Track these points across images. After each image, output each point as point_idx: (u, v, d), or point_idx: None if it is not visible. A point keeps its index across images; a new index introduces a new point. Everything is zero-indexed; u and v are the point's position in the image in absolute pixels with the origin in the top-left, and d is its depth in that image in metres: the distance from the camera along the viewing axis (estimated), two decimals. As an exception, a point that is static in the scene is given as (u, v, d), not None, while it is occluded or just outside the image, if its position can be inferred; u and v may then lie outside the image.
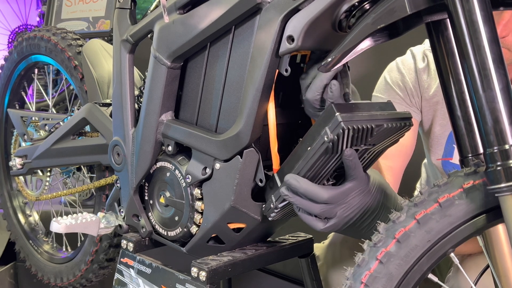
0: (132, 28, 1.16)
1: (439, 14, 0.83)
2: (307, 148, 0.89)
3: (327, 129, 0.85)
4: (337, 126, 0.84)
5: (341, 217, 0.90)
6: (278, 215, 0.99)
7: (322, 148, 0.86)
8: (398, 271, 0.75)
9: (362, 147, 0.89)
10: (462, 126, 0.83)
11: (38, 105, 2.04)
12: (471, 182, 0.74)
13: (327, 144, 0.85)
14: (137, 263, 1.18)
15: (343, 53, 0.81)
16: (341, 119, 0.83)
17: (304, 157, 0.89)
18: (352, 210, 0.90)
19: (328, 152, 0.86)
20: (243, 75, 0.96)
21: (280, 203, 0.95)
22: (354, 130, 0.84)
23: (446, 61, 0.84)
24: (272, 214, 0.98)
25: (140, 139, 1.13)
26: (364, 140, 0.88)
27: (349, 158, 0.86)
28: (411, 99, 1.33)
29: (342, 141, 0.86)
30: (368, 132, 0.86)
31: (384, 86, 1.36)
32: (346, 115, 0.84)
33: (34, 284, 2.01)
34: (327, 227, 0.90)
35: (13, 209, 1.81)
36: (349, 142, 0.86)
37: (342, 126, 0.83)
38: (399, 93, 1.34)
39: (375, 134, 0.88)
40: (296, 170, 0.91)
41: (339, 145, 0.86)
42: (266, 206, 0.98)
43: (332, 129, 0.84)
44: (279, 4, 0.88)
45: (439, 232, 0.74)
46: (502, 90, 0.69)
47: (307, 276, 1.22)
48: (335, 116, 0.84)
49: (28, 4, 3.62)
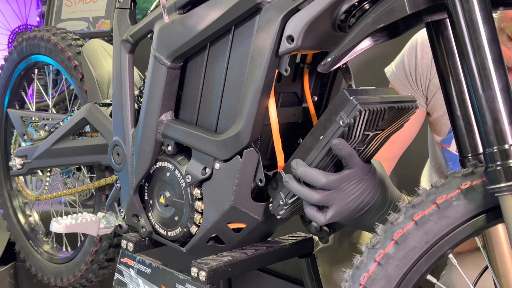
0: (132, 28, 1.16)
1: (439, 14, 0.83)
2: (319, 138, 0.88)
3: (343, 113, 0.84)
4: (354, 109, 0.83)
5: (340, 206, 0.89)
6: (287, 212, 0.98)
7: (337, 133, 0.85)
8: (397, 273, 0.75)
9: (372, 131, 0.89)
10: (462, 126, 0.83)
11: (38, 105, 2.04)
12: (468, 183, 0.74)
13: (343, 129, 0.85)
14: (137, 263, 1.19)
15: (343, 52, 0.81)
16: (357, 101, 0.83)
17: (317, 147, 0.88)
18: (350, 198, 0.89)
19: (344, 138, 0.86)
20: (243, 75, 0.96)
21: (290, 198, 0.95)
22: (370, 112, 0.84)
23: (446, 61, 0.84)
24: (281, 211, 0.97)
25: (140, 139, 1.13)
26: (376, 124, 0.88)
27: (338, 147, 0.86)
28: (417, 84, 1.34)
29: (358, 125, 0.85)
30: (381, 114, 0.87)
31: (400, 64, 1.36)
32: (361, 98, 0.84)
33: (34, 284, 2.01)
34: (328, 219, 0.90)
35: (13, 209, 1.81)
36: (363, 126, 0.86)
37: (359, 108, 0.83)
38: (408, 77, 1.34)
39: (386, 117, 0.88)
40: (307, 162, 0.90)
41: (354, 129, 0.86)
42: (274, 205, 0.97)
43: (348, 113, 0.84)
44: (279, 4, 0.88)
45: (437, 233, 0.74)
46: (502, 90, 0.69)
47: (307, 276, 1.22)
48: (350, 100, 0.84)
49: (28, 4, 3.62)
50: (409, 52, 1.35)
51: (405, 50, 1.37)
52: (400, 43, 1.36)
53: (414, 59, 1.33)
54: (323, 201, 0.89)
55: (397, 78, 1.36)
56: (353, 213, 0.91)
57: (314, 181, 0.88)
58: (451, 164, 1.36)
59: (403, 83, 1.35)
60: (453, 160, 1.35)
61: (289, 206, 0.96)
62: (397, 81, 1.36)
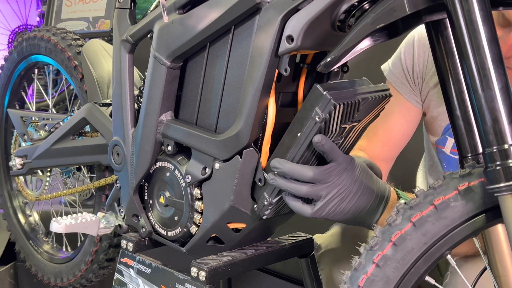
0: (132, 28, 1.16)
1: (438, 14, 0.83)
2: (297, 135, 0.89)
3: (317, 109, 0.86)
4: (328, 104, 0.85)
5: (327, 198, 0.90)
6: (272, 212, 0.99)
7: (314, 129, 0.87)
8: (395, 274, 0.76)
9: (349, 124, 0.90)
10: (461, 126, 0.83)
11: (38, 105, 2.04)
12: (466, 184, 0.74)
13: (319, 125, 0.86)
14: (137, 263, 1.19)
15: (343, 52, 0.81)
16: (330, 96, 0.85)
17: (295, 144, 0.90)
18: (337, 190, 0.89)
19: (321, 133, 0.87)
20: (242, 75, 0.96)
21: (274, 197, 0.95)
22: (344, 105, 0.86)
23: (446, 61, 0.84)
24: (266, 211, 0.97)
25: (140, 139, 1.13)
26: (351, 116, 0.89)
27: (320, 144, 0.87)
28: (414, 82, 1.33)
29: (334, 119, 0.87)
30: (355, 106, 0.88)
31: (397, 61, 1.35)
32: (334, 92, 0.86)
33: (34, 284, 2.01)
34: (315, 210, 0.90)
35: (13, 209, 1.81)
36: (340, 119, 0.88)
37: (333, 102, 0.84)
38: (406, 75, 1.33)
39: (361, 109, 0.89)
40: (288, 159, 0.91)
41: (330, 124, 0.87)
42: (258, 205, 0.98)
43: (323, 108, 0.85)
44: (279, 4, 0.88)
45: (435, 234, 0.75)
46: (501, 90, 0.69)
47: (307, 276, 1.22)
48: (323, 95, 0.85)
49: (28, 4, 3.62)
50: (406, 49, 1.34)
51: (401, 47, 1.36)
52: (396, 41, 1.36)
53: (412, 56, 1.32)
54: (312, 193, 0.89)
55: (395, 76, 1.35)
56: (342, 206, 0.91)
57: (302, 175, 0.89)
58: (445, 165, 1.35)
59: (400, 80, 1.34)
60: (447, 161, 1.34)
61: (273, 205, 0.97)
62: (394, 79, 1.35)
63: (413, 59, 1.32)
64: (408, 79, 1.33)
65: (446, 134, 1.32)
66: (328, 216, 0.92)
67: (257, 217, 1.01)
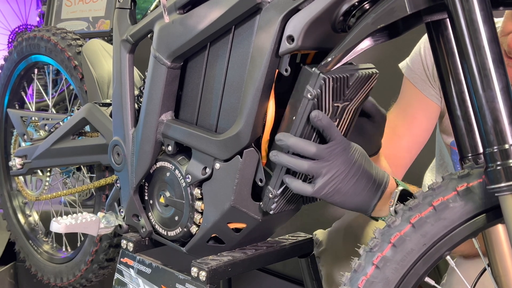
0: (132, 28, 1.16)
1: (439, 14, 0.83)
2: (292, 119, 0.90)
3: (308, 87, 0.86)
4: (318, 79, 0.85)
5: (328, 176, 0.89)
6: (279, 205, 0.98)
7: (308, 108, 0.87)
8: (395, 276, 0.76)
9: (341, 103, 0.90)
10: (462, 126, 0.83)
11: (38, 105, 2.04)
12: (464, 185, 0.74)
13: (312, 102, 0.87)
14: (137, 263, 1.19)
15: (343, 53, 0.81)
16: (319, 71, 0.85)
17: (292, 128, 0.90)
18: (336, 169, 0.89)
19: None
20: (243, 75, 0.96)
21: (278, 189, 0.95)
22: (333, 80, 0.86)
23: (446, 61, 0.84)
24: (272, 205, 0.97)
25: (140, 139, 1.13)
26: (342, 93, 0.89)
27: (318, 118, 0.87)
28: (434, 78, 1.31)
29: (325, 95, 0.87)
30: (345, 81, 0.89)
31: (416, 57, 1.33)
32: (322, 68, 0.86)
33: (34, 284, 2.01)
34: (316, 189, 0.90)
35: (13, 209, 1.81)
36: (331, 96, 0.88)
37: (323, 76, 0.85)
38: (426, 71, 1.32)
39: (351, 85, 0.90)
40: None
41: (323, 101, 0.88)
42: (264, 201, 0.98)
43: (314, 84, 0.86)
44: (279, 4, 0.88)
45: (435, 235, 0.75)
46: (502, 90, 0.69)
47: (307, 276, 1.23)
48: (312, 72, 0.86)
49: (28, 4, 3.61)
50: (426, 44, 1.31)
51: (421, 43, 1.34)
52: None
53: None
54: (313, 170, 0.89)
55: (414, 73, 1.32)
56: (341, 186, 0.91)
57: (305, 150, 0.89)
58: (459, 167, 1.35)
59: (420, 77, 1.32)
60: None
61: (279, 197, 0.96)
62: (413, 76, 1.32)
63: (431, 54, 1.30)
64: (429, 75, 1.31)
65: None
66: (327, 195, 0.91)
67: (259, 216, 1.01)
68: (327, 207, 1.96)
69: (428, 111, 1.32)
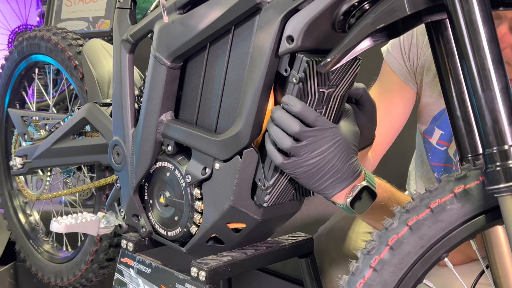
0: (132, 28, 1.16)
1: (438, 14, 0.83)
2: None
3: (293, 71, 0.88)
4: (302, 62, 0.86)
5: (304, 158, 0.89)
6: (272, 197, 0.98)
7: (294, 94, 0.88)
8: (393, 278, 0.76)
9: (326, 89, 0.91)
10: (461, 126, 0.83)
11: (39, 104, 2.04)
12: (462, 187, 0.74)
13: (298, 87, 0.87)
14: (137, 263, 1.19)
15: (343, 53, 0.81)
16: (302, 54, 0.86)
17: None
18: (314, 154, 0.89)
19: (302, 97, 0.88)
20: (242, 75, 0.96)
21: (270, 179, 0.95)
22: (317, 62, 0.87)
23: (446, 62, 0.84)
24: (265, 197, 0.97)
25: (140, 139, 1.13)
26: (327, 78, 0.90)
27: (290, 104, 0.87)
28: (410, 62, 1.33)
29: (310, 79, 0.88)
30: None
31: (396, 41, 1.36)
32: (305, 52, 0.87)
33: (34, 284, 2.02)
34: (286, 163, 0.90)
35: (14, 209, 1.81)
36: (316, 81, 0.88)
37: (306, 59, 0.86)
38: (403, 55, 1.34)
39: (335, 69, 0.90)
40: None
41: (308, 85, 0.88)
42: (257, 194, 0.98)
43: (298, 68, 0.87)
44: (279, 4, 0.88)
45: (432, 237, 0.75)
46: (501, 91, 0.69)
47: (307, 276, 1.23)
48: (296, 57, 0.87)
49: (28, 4, 3.61)
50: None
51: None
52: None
53: (410, 37, 1.32)
54: (293, 150, 0.89)
55: (392, 57, 1.35)
56: (312, 172, 0.91)
57: (288, 126, 0.89)
58: (430, 156, 1.35)
59: (398, 62, 1.34)
60: (432, 151, 1.34)
61: (271, 188, 0.96)
62: (392, 60, 1.35)
63: (411, 40, 1.32)
64: (405, 59, 1.33)
65: (434, 124, 1.32)
66: (294, 173, 0.92)
67: (258, 216, 1.01)
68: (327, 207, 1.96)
69: (405, 96, 1.35)
